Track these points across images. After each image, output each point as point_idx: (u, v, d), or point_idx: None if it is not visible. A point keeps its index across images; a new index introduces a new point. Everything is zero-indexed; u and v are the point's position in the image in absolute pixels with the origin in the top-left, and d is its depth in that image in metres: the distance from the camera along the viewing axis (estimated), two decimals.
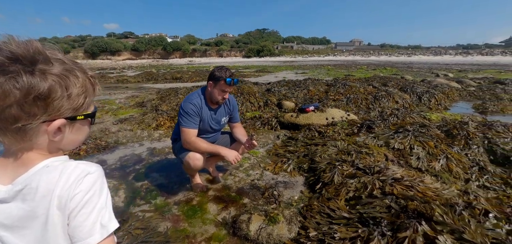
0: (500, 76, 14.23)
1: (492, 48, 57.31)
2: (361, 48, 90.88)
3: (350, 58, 52.78)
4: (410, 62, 36.48)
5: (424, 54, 53.21)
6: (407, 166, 2.32)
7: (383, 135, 2.83)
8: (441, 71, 18.11)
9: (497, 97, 7.22)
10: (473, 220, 1.28)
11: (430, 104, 5.39)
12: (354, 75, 14.69)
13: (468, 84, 9.89)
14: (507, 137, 2.63)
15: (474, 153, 2.47)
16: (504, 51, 50.28)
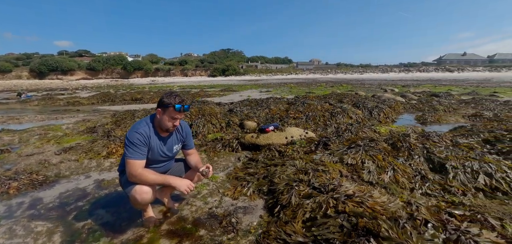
0: (435, 90, 16.34)
1: (427, 65, 66.25)
2: (320, 67, 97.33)
3: (311, 76, 56.03)
4: (362, 79, 40.09)
5: (374, 71, 59.12)
6: (360, 180, 2.44)
7: (338, 151, 2.96)
8: (388, 86, 20.17)
9: (434, 108, 8.20)
10: (414, 232, 1.36)
11: (380, 117, 5.89)
12: (315, 92, 15.54)
13: (410, 98, 11.10)
14: (442, 145, 2.96)
15: (416, 163, 2.70)
16: (436, 68, 58.40)
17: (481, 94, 12.98)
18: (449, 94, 12.72)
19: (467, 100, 10.29)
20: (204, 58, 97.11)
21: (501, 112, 7.38)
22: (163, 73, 73.46)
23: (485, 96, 12.27)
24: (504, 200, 2.23)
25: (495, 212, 1.96)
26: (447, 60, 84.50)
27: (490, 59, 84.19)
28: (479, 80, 31.76)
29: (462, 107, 8.51)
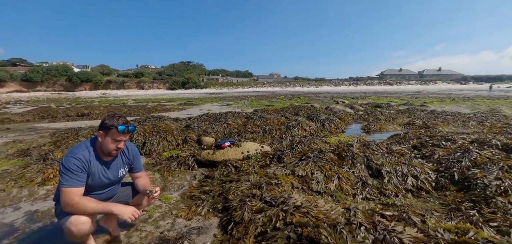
0: (378, 101, 18.33)
1: (372, 79, 74.33)
2: (279, 80, 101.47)
3: (271, 89, 57.96)
4: (317, 92, 42.94)
5: (328, 85, 63.88)
6: (309, 190, 2.60)
7: (290, 163, 3.12)
8: (340, 98, 21.96)
9: (377, 118, 9.18)
10: (349, 236, 1.51)
11: (331, 128, 6.37)
12: (274, 105, 16.08)
13: (358, 109, 12.23)
14: (379, 153, 3.34)
15: (358, 170, 3.00)
16: (379, 82, 65.76)
17: (414, 105, 14.98)
18: (389, 105, 14.38)
19: (403, 110, 11.75)
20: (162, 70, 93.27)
21: (428, 120, 8.63)
22: (116, 85, 68.25)
23: (417, 106, 14.20)
24: (426, 198, 2.60)
25: (419, 209, 2.27)
26: (387, 75, 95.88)
27: (420, 74, 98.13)
28: (413, 92, 36.73)
29: (399, 117, 9.69)
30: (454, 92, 34.30)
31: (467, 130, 6.31)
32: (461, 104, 15.58)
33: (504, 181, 2.45)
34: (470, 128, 7.47)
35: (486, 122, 8.25)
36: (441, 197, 2.56)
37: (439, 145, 3.81)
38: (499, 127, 7.11)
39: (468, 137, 4.28)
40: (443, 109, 12.67)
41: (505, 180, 2.46)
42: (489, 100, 19.22)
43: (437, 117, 9.22)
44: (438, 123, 7.94)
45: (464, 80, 66.08)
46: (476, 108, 13.15)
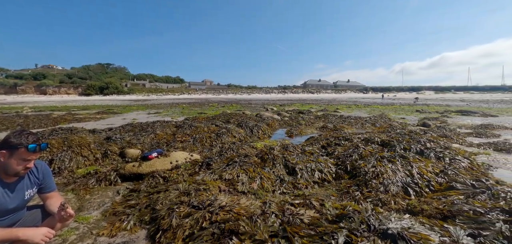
0: (302, 108, 20.63)
1: (297, 88, 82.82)
2: (212, 87, 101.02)
3: (203, 96, 57.20)
4: (250, 99, 44.87)
5: (259, 92, 67.52)
6: (235, 191, 2.88)
7: (218, 169, 3.34)
8: (269, 105, 23.64)
9: (299, 123, 10.41)
10: (263, 223, 1.84)
11: (259, 134, 6.93)
12: (207, 112, 16.03)
13: (284, 115, 13.51)
14: (295, 154, 3.93)
15: (277, 170, 3.47)
16: (303, 90, 73.71)
17: (329, 111, 17.56)
18: (309, 111, 16.41)
19: (320, 116, 13.63)
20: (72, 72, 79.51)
21: (337, 123, 10.35)
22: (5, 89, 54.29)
23: (331, 112, 16.71)
24: (328, 187, 3.25)
25: (321, 196, 2.84)
26: (309, 84, 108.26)
27: (335, 84, 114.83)
28: (329, 100, 42.82)
29: (316, 121, 11.24)
30: (358, 100, 41.64)
31: (362, 131, 7.92)
32: (362, 110, 19.13)
33: (377, 168, 3.32)
34: (366, 128, 9.36)
35: (377, 123, 10.48)
36: (338, 185, 3.25)
37: (340, 144, 4.75)
38: (384, 127, 9.18)
39: (361, 136, 5.46)
40: (349, 114, 15.32)
41: (377, 167, 3.34)
42: (382, 106, 24.24)
43: (344, 121, 11.13)
44: (344, 126, 9.63)
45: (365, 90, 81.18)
46: (372, 112, 16.43)
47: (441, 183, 3.16)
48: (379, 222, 1.69)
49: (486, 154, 5.61)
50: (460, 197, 2.49)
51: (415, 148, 4.29)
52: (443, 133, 7.92)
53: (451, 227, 1.90)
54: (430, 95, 62.90)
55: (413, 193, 2.94)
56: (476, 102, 31.90)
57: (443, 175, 3.42)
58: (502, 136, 7.94)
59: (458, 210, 2.15)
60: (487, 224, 1.95)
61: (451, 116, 14.68)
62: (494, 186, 2.72)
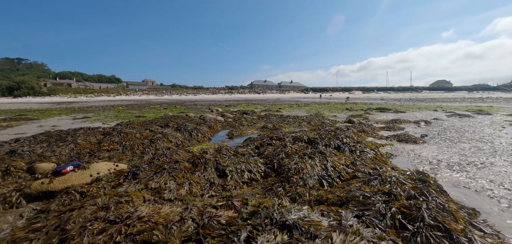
0: (247, 108, 21.12)
1: (244, 88, 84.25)
2: (155, 87, 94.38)
3: (144, 98, 53.01)
4: (195, 100, 43.61)
5: (205, 93, 66.17)
6: (162, 200, 2.83)
7: (145, 178, 3.22)
8: (215, 107, 23.44)
9: (241, 124, 10.66)
10: (177, 229, 1.89)
11: (198, 138, 6.87)
12: (146, 115, 14.96)
13: (228, 117, 13.62)
14: (227, 156, 4.07)
15: (208, 173, 3.54)
16: (249, 90, 75.43)
17: (272, 111, 18.43)
18: (253, 112, 16.93)
19: (263, 116, 14.20)
20: None
21: (277, 123, 10.99)
22: None
23: (274, 112, 17.58)
24: (255, 186, 3.48)
25: (247, 195, 3.04)
26: (255, 85, 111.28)
27: (279, 85, 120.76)
28: (274, 100, 44.88)
29: (259, 122, 11.69)
30: (300, 99, 44.79)
31: (297, 129, 8.61)
32: (302, 109, 20.68)
33: (298, 164, 3.71)
34: (302, 127, 10.19)
35: (312, 122, 11.52)
36: (264, 183, 3.51)
37: (271, 143, 5.11)
38: (317, 125, 10.17)
39: (292, 135, 5.96)
40: (289, 113, 16.40)
41: (299, 163, 3.73)
42: (319, 105, 26.64)
43: (284, 121, 11.88)
44: (283, 125, 10.29)
45: (306, 90, 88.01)
46: (310, 111, 17.94)
47: (350, 173, 3.73)
48: (281, 215, 1.93)
49: (390, 144, 6.79)
50: (357, 184, 3.00)
51: (334, 144, 4.92)
52: (363, 128, 9.23)
53: (343, 211, 2.29)
54: (358, 94, 72.03)
55: (327, 184, 3.40)
56: (392, 101, 37.91)
57: (352, 166, 4.03)
58: (405, 129, 9.71)
59: (352, 196, 2.60)
60: (370, 206, 2.42)
61: (372, 113, 17.14)
62: (385, 173, 3.35)
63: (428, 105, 26.00)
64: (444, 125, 10.64)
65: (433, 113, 16.62)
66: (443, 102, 32.93)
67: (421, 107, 22.53)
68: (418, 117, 13.94)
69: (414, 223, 2.20)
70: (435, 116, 14.63)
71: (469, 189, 3.61)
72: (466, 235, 2.07)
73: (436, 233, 2.09)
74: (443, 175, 4.20)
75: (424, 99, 41.60)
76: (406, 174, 3.27)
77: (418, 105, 24.73)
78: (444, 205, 2.47)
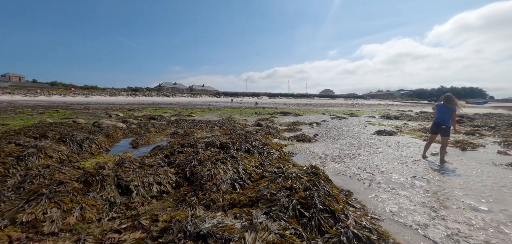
0: (155, 112, 19.34)
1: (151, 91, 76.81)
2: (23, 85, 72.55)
3: (6, 98, 39.71)
4: (87, 102, 36.34)
5: (101, 94, 56.18)
6: (40, 236, 2.22)
7: (10, 210, 2.44)
8: (114, 111, 20.28)
9: (148, 131, 9.68)
10: None
11: (92, 149, 5.76)
12: (8, 123, 11.27)
13: (131, 123, 12.08)
14: (131, 169, 3.62)
15: (107, 192, 3.04)
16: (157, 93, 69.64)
17: (183, 115, 17.63)
18: (162, 116, 15.69)
19: (173, 121, 13.38)
20: None
21: (189, 128, 10.61)
22: None
23: (186, 116, 16.86)
24: (166, 198, 3.26)
25: (156, 210, 2.80)
26: (165, 87, 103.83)
27: (191, 88, 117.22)
28: (185, 103, 43.04)
29: (168, 127, 10.95)
30: (212, 103, 44.93)
31: (209, 134, 8.61)
32: (214, 113, 20.78)
33: (211, 171, 3.72)
34: (214, 131, 10.25)
35: (224, 126, 11.77)
36: (176, 194, 3.33)
37: (183, 151, 4.91)
38: (229, 129, 10.47)
39: (205, 141, 5.92)
40: (201, 118, 16.17)
41: (212, 169, 3.76)
42: (231, 109, 27.51)
43: (196, 125, 11.60)
44: (195, 130, 10.04)
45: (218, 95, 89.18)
46: (222, 115, 18.25)
47: (259, 173, 4.05)
48: (195, 226, 1.91)
49: (291, 144, 7.80)
50: (265, 184, 3.31)
51: (244, 147, 5.22)
52: (269, 131, 10.20)
53: (254, 211, 2.48)
54: (266, 99, 79.11)
55: (239, 187, 3.56)
56: (293, 105, 43.63)
57: (261, 167, 4.40)
58: (302, 130, 11.37)
59: (261, 195, 2.85)
60: (276, 201, 2.72)
61: (277, 116, 19.18)
62: (287, 170, 3.83)
63: (319, 109, 31.47)
64: (329, 126, 13.16)
65: (322, 116, 20.25)
66: (329, 107, 40.62)
67: (313, 111, 27.02)
68: (311, 119, 16.64)
69: (310, 210, 2.63)
70: (323, 118, 17.87)
71: (346, 176, 4.62)
72: (344, 212, 2.64)
73: (325, 215, 2.57)
74: (329, 167, 5.20)
75: (316, 104, 50.06)
76: (303, 169, 3.86)
77: (311, 109, 29.52)
78: (329, 191, 3.07)
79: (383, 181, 4.32)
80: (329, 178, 3.83)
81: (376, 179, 4.45)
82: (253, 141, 5.81)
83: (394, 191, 3.88)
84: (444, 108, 5.75)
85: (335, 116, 19.74)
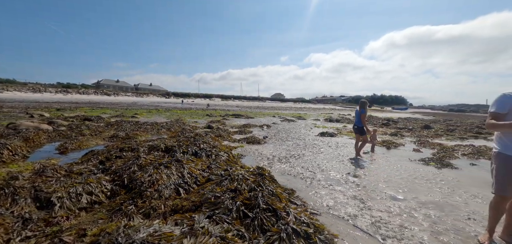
0: (91, 113, 17.19)
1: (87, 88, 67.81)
2: None
3: None
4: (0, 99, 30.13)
5: (21, 90, 47.26)
6: None
7: None
8: (38, 110, 17.31)
9: (81, 134, 8.56)
10: None
11: (3, 157, 4.79)
12: None
13: (60, 124, 10.50)
14: (54, 178, 3.14)
15: (20, 207, 2.57)
16: (95, 91, 62.12)
17: (126, 116, 16.09)
18: (100, 117, 14.05)
19: (113, 122, 12.10)
20: None
21: (131, 131, 9.73)
22: None
23: (128, 117, 15.43)
24: (98, 210, 2.92)
25: (85, 224, 2.48)
26: (105, 84, 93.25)
27: (136, 87, 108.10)
28: (129, 103, 39.40)
29: (107, 130, 9.86)
30: (161, 104, 42.27)
31: (154, 137, 8.08)
32: (162, 115, 19.57)
33: (153, 176, 3.49)
34: (161, 134, 9.65)
35: (173, 128, 11.18)
36: (111, 204, 3.02)
37: (121, 156, 4.48)
38: (177, 131, 9.98)
39: (147, 145, 5.52)
40: (147, 119, 15.04)
41: (154, 175, 3.53)
42: (181, 110, 26.31)
43: (140, 128, 10.73)
44: (140, 133, 9.28)
45: (168, 95, 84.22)
46: (171, 117, 17.32)
47: (205, 176, 3.96)
48: (127, 237, 1.76)
49: (241, 146, 7.88)
50: (210, 187, 3.26)
51: (191, 150, 5.06)
52: (220, 133, 10.10)
53: (197, 215, 2.42)
54: (218, 101, 78.20)
55: (183, 192, 3.43)
56: (245, 108, 44.16)
57: (208, 170, 4.31)
58: (253, 132, 11.60)
59: (205, 199, 2.79)
60: (220, 204, 2.70)
61: (229, 118, 19.14)
62: (234, 172, 3.84)
63: (270, 112, 32.58)
64: (279, 128, 13.74)
65: (272, 118, 21.03)
66: (279, 110, 42.42)
67: (265, 113, 27.84)
68: (262, 122, 17.11)
69: (253, 210, 2.69)
70: (274, 121, 18.57)
71: (290, 175, 4.89)
72: (285, 210, 2.79)
73: (267, 214, 2.66)
74: (275, 167, 5.41)
75: (267, 107, 51.70)
76: (250, 170, 3.93)
77: (263, 112, 30.36)
78: (273, 191, 3.20)
79: (323, 179, 4.71)
80: (274, 178, 3.99)
81: (317, 177, 4.82)
82: (201, 143, 5.66)
83: (331, 187, 4.26)
84: (357, 112, 6.93)
85: (285, 119, 20.74)
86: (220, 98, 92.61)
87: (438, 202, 3.77)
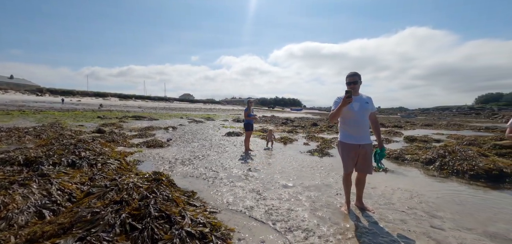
0: None
1: None
2: None
3: None
4: None
5: None
6: None
7: None
8: None
9: None
10: None
11: None
12: None
13: None
14: None
15: None
16: None
17: None
18: None
19: None
20: None
21: None
22: None
23: None
24: None
25: None
26: None
27: None
28: None
29: None
30: (28, 103, 32.60)
31: (10, 148, 6.09)
32: (30, 117, 15.09)
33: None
34: (24, 143, 7.37)
35: (44, 134, 8.74)
36: None
37: None
38: (51, 138, 7.88)
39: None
40: (2, 124, 11.19)
41: (1, 197, 2.61)
42: (61, 112, 21.05)
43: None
44: None
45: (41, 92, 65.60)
46: (44, 120, 13.56)
47: (85, 190, 3.27)
48: None
49: (140, 151, 7.05)
50: (88, 202, 2.71)
51: (66, 161, 4.09)
52: (113, 138, 8.69)
53: (62, 240, 1.94)
54: (115, 101, 67.40)
55: (50, 213, 2.70)
56: (149, 109, 40.13)
57: (90, 182, 3.59)
58: (156, 135, 10.59)
59: (78, 218, 2.29)
60: (99, 221, 2.28)
61: (128, 121, 16.83)
62: (123, 181, 3.34)
63: (177, 113, 30.89)
64: (185, 130, 13.19)
65: (180, 120, 20.01)
66: (188, 111, 40.90)
67: (172, 115, 26.14)
68: (168, 123, 15.98)
69: (143, 220, 2.41)
70: (181, 122, 17.70)
71: (193, 177, 4.74)
72: (181, 214, 2.65)
73: (160, 222, 2.45)
74: (177, 170, 5.13)
75: (175, 108, 48.84)
76: (145, 177, 3.54)
77: (170, 114, 28.42)
78: (169, 195, 2.99)
79: (225, 177, 4.81)
80: (173, 182, 3.75)
81: (220, 175, 4.88)
82: (82, 151, 4.68)
83: (232, 184, 4.41)
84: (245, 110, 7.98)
85: (193, 120, 20.14)
86: (118, 98, 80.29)
87: (317, 184, 4.55)
